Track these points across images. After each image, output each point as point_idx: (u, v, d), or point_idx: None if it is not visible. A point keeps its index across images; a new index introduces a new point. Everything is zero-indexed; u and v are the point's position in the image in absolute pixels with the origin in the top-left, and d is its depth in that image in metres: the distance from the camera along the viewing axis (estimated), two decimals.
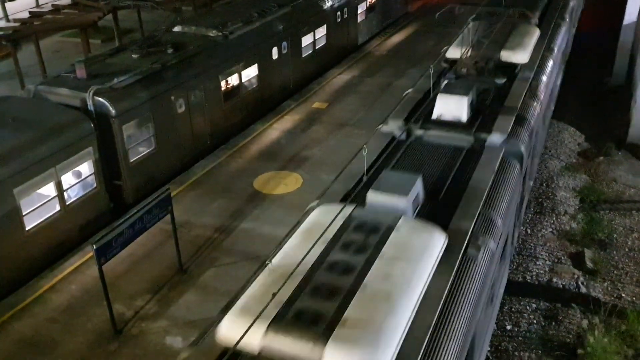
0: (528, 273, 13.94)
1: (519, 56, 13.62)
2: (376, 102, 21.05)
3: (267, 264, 7.08)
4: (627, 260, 14.29)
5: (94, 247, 10.51)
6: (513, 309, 12.87)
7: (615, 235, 15.20)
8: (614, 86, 24.46)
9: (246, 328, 5.44)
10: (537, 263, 14.24)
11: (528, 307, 12.93)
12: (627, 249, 14.70)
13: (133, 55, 16.83)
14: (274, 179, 16.27)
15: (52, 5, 29.41)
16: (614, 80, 24.76)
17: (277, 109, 20.77)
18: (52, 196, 13.16)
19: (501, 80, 12.71)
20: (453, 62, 13.56)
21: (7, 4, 34.77)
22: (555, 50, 15.78)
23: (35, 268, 12.97)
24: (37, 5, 36.30)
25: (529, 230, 15.41)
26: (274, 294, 5.79)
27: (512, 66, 13.50)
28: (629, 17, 23.00)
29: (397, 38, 28.68)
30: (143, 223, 11.62)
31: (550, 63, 14.72)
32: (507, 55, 13.59)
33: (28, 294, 12.30)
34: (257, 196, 15.52)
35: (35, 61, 24.22)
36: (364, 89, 22.37)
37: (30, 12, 28.21)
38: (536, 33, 15.25)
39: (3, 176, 12.01)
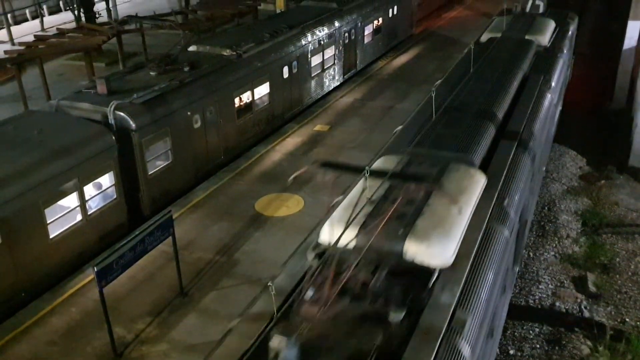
0: (531, 297, 13.86)
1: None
2: (378, 124, 21.13)
3: (270, 285, 7.11)
4: (630, 285, 14.21)
5: (95, 270, 10.48)
6: (516, 334, 12.77)
7: (617, 259, 15.14)
8: (614, 110, 24.56)
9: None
10: (540, 287, 14.17)
11: (531, 332, 12.84)
12: (630, 273, 14.63)
13: (151, 73, 17.47)
14: (275, 201, 16.27)
15: (57, 29, 29.72)
16: (614, 104, 24.87)
17: (280, 131, 20.87)
18: (74, 206, 13.58)
19: None
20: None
21: (13, 28, 35.19)
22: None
23: (57, 276, 13.32)
24: (43, 29, 36.76)
25: (531, 254, 15.35)
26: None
27: None
28: (629, 41, 23.20)
29: (398, 62, 28.91)
30: (144, 245, 11.60)
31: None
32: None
33: (28, 316, 12.23)
34: (259, 218, 15.51)
35: (39, 84, 24.41)
36: (365, 111, 22.48)
37: (35, 36, 28.48)
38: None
39: (30, 186, 12.44)
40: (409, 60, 29.14)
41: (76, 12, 34.05)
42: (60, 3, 42.66)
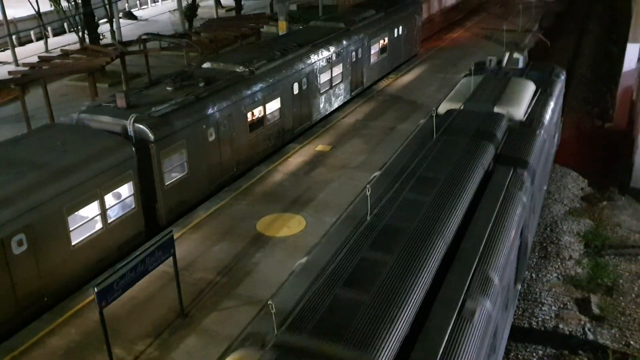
0: (534, 319, 13.75)
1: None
2: (379, 145, 21.18)
3: (270, 304, 7.08)
4: (634, 307, 14.10)
5: (95, 290, 10.43)
6: (519, 356, 12.65)
7: (621, 281, 15.05)
8: (615, 131, 24.62)
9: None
10: (543, 308, 14.07)
11: (534, 354, 12.72)
12: (633, 295, 14.53)
13: (167, 88, 18.05)
14: (277, 221, 16.24)
15: (62, 50, 30.00)
16: (614, 126, 24.94)
17: (281, 151, 20.93)
18: (95, 215, 14.01)
19: None
20: None
21: (18, 49, 35.49)
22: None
23: (78, 282, 13.70)
24: (47, 50, 37.07)
25: (534, 275, 15.27)
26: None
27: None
28: (629, 64, 23.33)
29: (399, 83, 29.07)
30: (145, 266, 11.55)
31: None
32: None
33: (27, 337, 12.13)
34: (260, 239, 15.46)
35: (42, 104, 24.55)
36: (367, 132, 22.55)
37: (39, 57, 28.74)
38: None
39: (55, 193, 12.91)
40: (411, 81, 29.30)
41: (80, 33, 34.41)
42: (65, 25, 43.10)
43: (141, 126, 15.43)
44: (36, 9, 37.64)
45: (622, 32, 32.92)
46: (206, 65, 20.88)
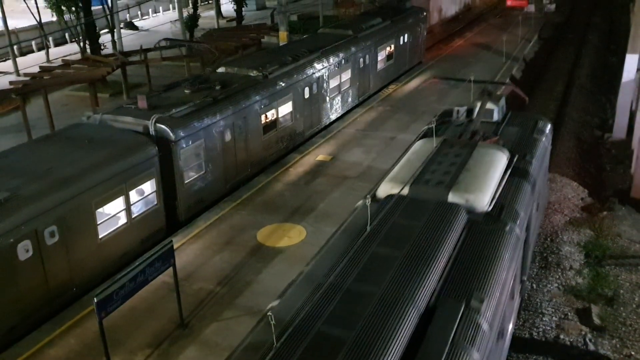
0: (535, 329, 13.72)
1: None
2: (380, 155, 21.21)
3: (269, 315, 7.06)
4: (635, 317, 14.07)
5: (95, 301, 10.40)
6: None
7: (621, 291, 15.03)
8: (614, 142, 24.67)
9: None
10: (544, 319, 14.03)
11: None
12: (634, 305, 14.50)
13: (185, 91, 18.76)
14: (277, 232, 16.23)
15: (63, 60, 30.11)
16: (614, 136, 24.99)
17: (281, 162, 20.96)
18: (121, 209, 14.66)
19: None
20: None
21: (19, 59, 35.60)
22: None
23: (104, 274, 14.29)
24: (48, 60, 37.20)
25: (534, 286, 15.25)
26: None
27: None
28: (628, 74, 23.42)
29: (399, 93, 29.14)
30: (145, 276, 11.52)
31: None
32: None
33: (26, 348, 12.10)
34: (260, 249, 15.45)
35: (43, 114, 24.61)
36: (368, 142, 22.59)
37: (40, 67, 28.84)
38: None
39: (84, 188, 13.57)
40: (410, 91, 29.37)
41: (82, 43, 34.54)
42: (66, 35, 43.26)
43: (162, 126, 16.09)
44: (38, 19, 37.79)
45: (621, 43, 33.09)
46: (221, 69, 21.68)
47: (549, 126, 14.72)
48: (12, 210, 12.18)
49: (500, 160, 11.30)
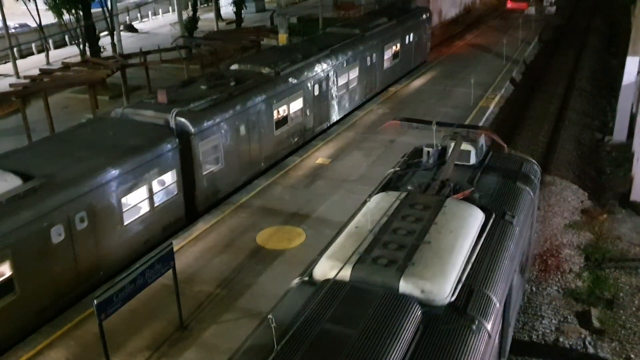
0: (534, 332, 13.71)
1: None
2: (379, 158, 21.21)
3: (269, 318, 7.05)
4: (634, 320, 14.06)
5: (95, 303, 10.41)
6: None
7: (621, 294, 15.01)
8: (614, 144, 24.68)
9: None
10: (543, 322, 14.02)
11: None
12: (634, 308, 14.49)
13: (202, 87, 19.34)
14: (276, 234, 16.23)
15: (63, 62, 30.13)
16: (614, 139, 25.00)
17: (281, 165, 20.96)
18: (144, 198, 15.34)
19: None
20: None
21: (19, 61, 35.62)
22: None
23: (129, 259, 14.96)
24: (48, 63, 37.24)
25: (534, 289, 15.24)
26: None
27: None
28: (628, 77, 23.42)
29: (398, 96, 29.15)
30: (145, 278, 11.53)
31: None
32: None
33: (26, 350, 12.09)
34: (260, 251, 15.45)
35: (43, 117, 24.62)
36: (367, 145, 22.59)
37: (40, 70, 28.86)
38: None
39: (112, 176, 14.26)
40: (410, 94, 29.38)
41: (81, 46, 34.56)
42: (66, 37, 43.29)
43: (182, 119, 16.68)
44: (37, 21, 37.82)
45: (621, 46, 33.12)
46: (234, 67, 22.35)
47: (537, 170, 12.59)
48: (47, 196, 12.93)
49: (472, 225, 9.27)
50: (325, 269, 8.41)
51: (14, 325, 12.36)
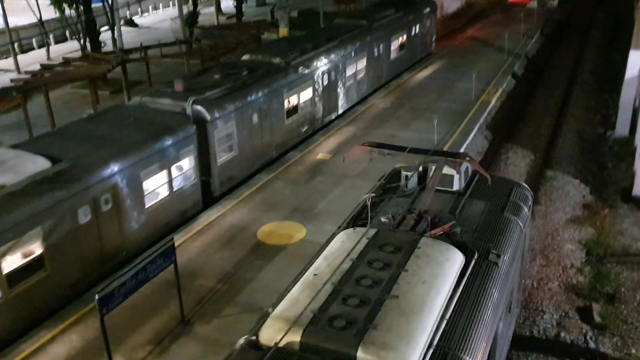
0: (535, 327, 13.70)
1: None
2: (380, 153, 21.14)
3: (269, 311, 7.03)
4: (636, 315, 14.04)
5: (97, 298, 10.41)
6: None
7: (623, 289, 14.99)
8: (617, 139, 24.60)
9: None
10: (544, 317, 14.01)
11: None
12: (635, 304, 14.47)
13: (215, 76, 19.74)
14: (277, 230, 16.22)
15: (63, 57, 30.08)
16: (616, 133, 24.92)
17: (281, 160, 20.93)
18: (164, 182, 15.90)
19: None
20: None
21: (20, 57, 35.57)
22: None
23: (150, 240, 15.48)
24: (49, 58, 37.16)
25: (535, 284, 15.23)
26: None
27: None
28: (631, 71, 23.32)
29: (398, 92, 29.07)
30: (146, 273, 11.53)
31: None
32: None
33: (28, 344, 12.11)
34: (261, 247, 15.45)
35: (43, 112, 24.59)
36: (367, 140, 22.50)
37: (41, 65, 28.81)
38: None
39: (134, 160, 14.83)
40: (412, 88, 29.31)
41: (82, 41, 34.49)
42: (67, 32, 43.20)
43: (199, 107, 17.20)
44: (38, 16, 37.75)
45: (624, 39, 32.97)
46: (245, 57, 22.97)
47: (528, 197, 11.18)
48: (74, 178, 13.48)
49: (448, 272, 7.97)
50: (273, 332, 7.04)
51: (45, 300, 12.97)
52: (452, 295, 7.74)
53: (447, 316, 7.39)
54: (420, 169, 10.82)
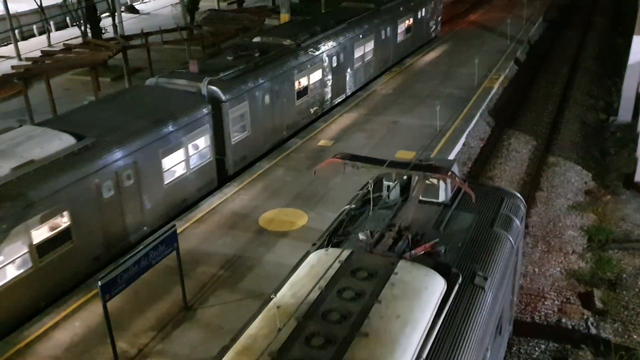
0: (536, 313, 13.74)
1: None
2: (382, 139, 21.14)
3: (272, 297, 7.01)
4: (637, 301, 14.08)
5: (99, 284, 10.45)
6: (522, 350, 12.65)
7: (624, 275, 15.02)
8: (619, 125, 24.53)
9: None
10: (546, 303, 14.05)
11: (537, 348, 12.71)
12: (637, 289, 14.50)
13: (228, 58, 20.33)
14: (279, 216, 16.24)
15: (64, 44, 29.97)
16: (619, 119, 24.83)
17: (282, 147, 20.91)
18: (181, 160, 16.38)
19: None
20: None
21: (20, 43, 35.44)
22: None
23: (168, 216, 16.14)
24: (50, 45, 37.03)
25: (536, 270, 15.25)
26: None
27: None
28: (635, 56, 23.19)
29: (400, 78, 28.96)
30: (148, 260, 11.57)
31: None
32: None
33: (31, 331, 12.19)
34: (262, 233, 15.47)
35: (45, 99, 24.55)
36: (370, 126, 22.49)
37: (42, 51, 28.71)
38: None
39: (153, 138, 15.28)
40: (412, 76, 29.20)
41: (83, 27, 34.34)
42: (67, 19, 43.01)
43: (214, 87, 17.75)
44: (39, 3, 37.57)
45: (628, 25, 32.77)
46: (256, 39, 23.62)
47: (520, 208, 10.18)
48: (98, 154, 14.02)
49: (426, 302, 7.10)
50: None
51: (71, 270, 13.54)
52: (431, 330, 6.82)
53: (424, 355, 6.51)
54: (405, 178, 9.90)
